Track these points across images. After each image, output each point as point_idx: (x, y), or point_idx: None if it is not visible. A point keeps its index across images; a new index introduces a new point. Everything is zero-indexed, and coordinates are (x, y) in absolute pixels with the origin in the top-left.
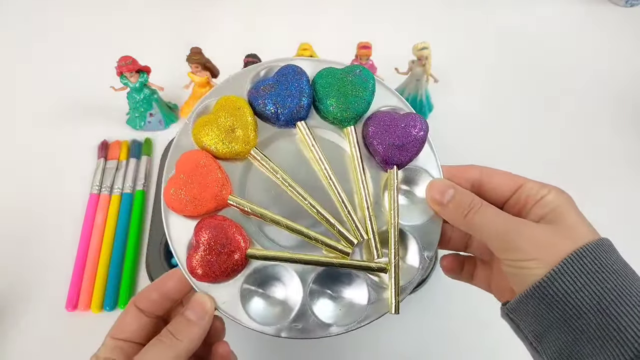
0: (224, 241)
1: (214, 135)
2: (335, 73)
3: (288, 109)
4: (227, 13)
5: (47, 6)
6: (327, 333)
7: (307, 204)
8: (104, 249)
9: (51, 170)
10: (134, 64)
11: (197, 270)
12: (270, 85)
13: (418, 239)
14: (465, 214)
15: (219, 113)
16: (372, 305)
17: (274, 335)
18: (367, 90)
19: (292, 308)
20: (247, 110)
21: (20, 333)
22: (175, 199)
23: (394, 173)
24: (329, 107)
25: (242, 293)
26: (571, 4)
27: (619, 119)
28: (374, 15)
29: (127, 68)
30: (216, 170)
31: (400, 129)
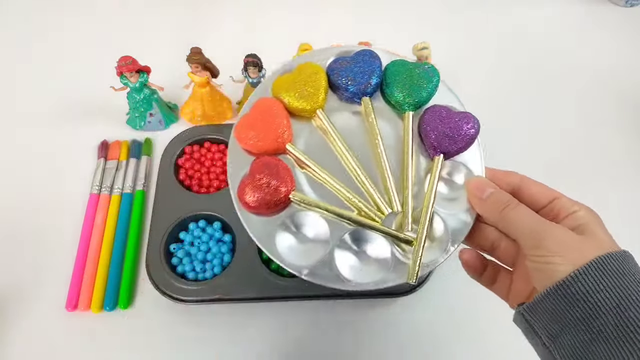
0: (274, 177)
1: (289, 89)
2: (406, 64)
3: (358, 83)
4: (227, 13)
5: (47, 6)
6: (343, 285)
7: (354, 169)
8: (104, 249)
9: (51, 171)
10: (134, 64)
11: (245, 197)
12: (348, 61)
13: (448, 226)
14: (502, 209)
15: (298, 74)
16: (391, 272)
17: (295, 272)
18: (431, 84)
19: (318, 254)
20: (323, 76)
21: (20, 333)
22: (242, 131)
23: (440, 160)
24: (395, 91)
25: (277, 229)
26: (571, 4)
27: (619, 118)
28: (374, 15)
29: (127, 68)
30: (283, 117)
31: (454, 122)
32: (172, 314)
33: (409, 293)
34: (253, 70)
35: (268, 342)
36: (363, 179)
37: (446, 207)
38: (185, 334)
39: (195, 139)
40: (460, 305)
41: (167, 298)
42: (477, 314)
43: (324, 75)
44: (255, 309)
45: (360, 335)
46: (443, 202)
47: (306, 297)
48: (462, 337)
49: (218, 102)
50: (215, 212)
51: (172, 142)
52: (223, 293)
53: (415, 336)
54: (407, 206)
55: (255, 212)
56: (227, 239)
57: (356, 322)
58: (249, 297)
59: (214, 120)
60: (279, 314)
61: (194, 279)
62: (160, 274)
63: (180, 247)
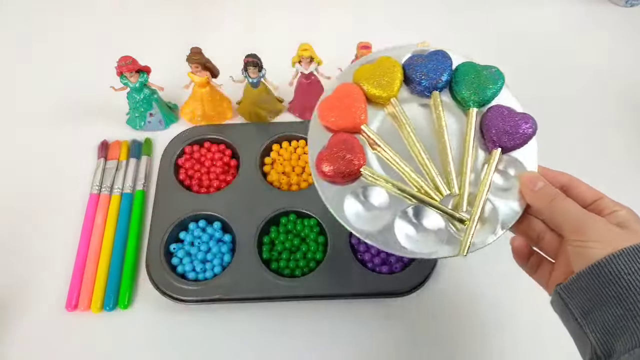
0: (349, 151)
1: (368, 78)
2: (475, 66)
3: (430, 79)
4: (227, 13)
5: (47, 6)
6: (399, 251)
7: (419, 153)
8: (104, 249)
9: (51, 171)
10: (134, 64)
11: (322, 165)
12: (423, 58)
13: (499, 212)
14: (550, 200)
15: (378, 65)
16: (444, 245)
17: (359, 236)
18: (496, 86)
19: (380, 222)
20: (399, 69)
21: (20, 333)
22: (324, 110)
23: (497, 153)
24: (463, 88)
25: (347, 197)
26: (571, 4)
27: (619, 118)
28: (374, 15)
29: (127, 68)
30: (362, 102)
31: (514, 121)
32: (172, 314)
33: (409, 293)
34: (253, 70)
35: (268, 341)
36: (426, 162)
37: (499, 195)
38: (186, 334)
39: (195, 139)
40: (459, 305)
41: (167, 298)
42: (477, 314)
43: (400, 69)
44: (255, 309)
45: (360, 335)
46: (496, 190)
47: (306, 297)
48: (461, 337)
49: (218, 102)
50: (215, 212)
51: (172, 142)
52: (223, 293)
53: (415, 336)
54: (463, 190)
55: (330, 180)
56: (227, 238)
57: (356, 322)
58: (249, 297)
59: (214, 120)
60: (279, 314)
61: (194, 279)
62: (160, 274)
63: (181, 247)
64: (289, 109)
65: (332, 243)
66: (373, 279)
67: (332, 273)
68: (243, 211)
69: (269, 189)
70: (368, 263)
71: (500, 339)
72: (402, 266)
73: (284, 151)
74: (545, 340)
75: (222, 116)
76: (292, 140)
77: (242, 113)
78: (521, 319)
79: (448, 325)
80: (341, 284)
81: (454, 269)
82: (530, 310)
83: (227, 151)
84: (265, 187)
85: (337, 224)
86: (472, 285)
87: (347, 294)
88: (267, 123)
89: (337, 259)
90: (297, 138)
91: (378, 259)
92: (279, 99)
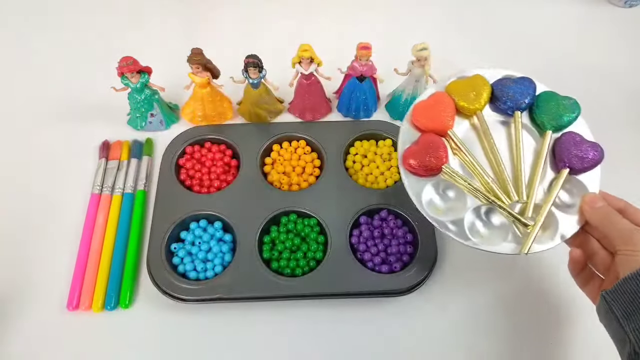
0: (435, 148)
1: (460, 91)
2: (556, 95)
3: (514, 99)
4: (228, 14)
5: (47, 6)
6: (465, 242)
7: (494, 161)
8: (105, 249)
9: (52, 171)
10: (135, 64)
11: (409, 159)
12: (511, 81)
13: (560, 224)
14: (607, 216)
15: (469, 81)
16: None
17: (432, 222)
18: (573, 115)
19: (452, 215)
20: (488, 88)
21: (21, 332)
22: (418, 112)
23: (565, 172)
24: (543, 113)
25: (426, 188)
26: (571, 4)
27: (619, 119)
28: (374, 15)
29: (128, 69)
30: (451, 110)
31: (585, 147)
32: (173, 314)
33: (408, 292)
34: (253, 70)
35: (268, 341)
36: (502, 170)
37: (562, 209)
38: (186, 333)
39: (196, 139)
40: (459, 305)
41: (168, 297)
42: (476, 313)
43: (488, 87)
44: (256, 308)
45: (360, 335)
46: (560, 205)
47: (306, 297)
48: (460, 337)
49: (219, 102)
50: (216, 212)
51: (173, 142)
52: (224, 292)
53: (414, 335)
54: (531, 198)
55: (414, 172)
56: (228, 238)
57: (356, 322)
58: (249, 296)
59: (214, 120)
60: (280, 314)
61: (195, 279)
62: (161, 274)
63: (182, 247)
64: (289, 109)
65: (332, 243)
66: (373, 278)
67: (332, 272)
68: (244, 211)
69: (269, 188)
70: (368, 262)
71: (500, 337)
72: (401, 266)
73: (285, 151)
74: (545, 340)
75: (222, 116)
76: (293, 141)
77: (243, 113)
78: (521, 319)
79: (448, 324)
80: (341, 283)
81: (453, 268)
82: (530, 311)
83: (227, 151)
84: (266, 187)
85: (337, 223)
86: (471, 284)
87: (347, 293)
88: (267, 123)
89: (337, 258)
90: (297, 138)
91: (378, 258)
92: (279, 100)
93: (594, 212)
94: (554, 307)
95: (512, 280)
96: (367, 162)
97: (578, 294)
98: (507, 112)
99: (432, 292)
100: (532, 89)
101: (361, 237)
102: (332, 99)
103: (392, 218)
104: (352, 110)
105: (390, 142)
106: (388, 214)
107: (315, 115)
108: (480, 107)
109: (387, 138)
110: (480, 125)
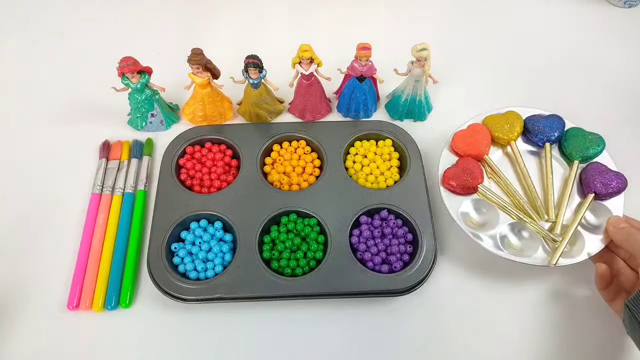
0: (472, 170)
1: (496, 123)
2: (583, 131)
3: (544, 133)
4: (228, 14)
5: (47, 6)
6: (498, 252)
7: (527, 185)
8: (106, 249)
9: (53, 171)
10: (135, 64)
11: (449, 180)
12: (542, 117)
13: (586, 242)
14: (629, 235)
15: (505, 116)
16: (536, 255)
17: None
18: (598, 148)
19: (487, 229)
20: (521, 122)
21: (21, 332)
22: (458, 139)
23: (592, 196)
24: (571, 145)
25: (463, 204)
26: (571, 4)
27: (619, 119)
28: (374, 16)
29: (128, 69)
30: (488, 139)
31: (609, 176)
32: (174, 313)
33: (408, 292)
34: (253, 71)
35: (268, 340)
36: (533, 191)
37: (588, 229)
38: (187, 332)
39: (196, 139)
40: (458, 304)
41: (169, 297)
42: (476, 313)
43: (521, 121)
44: (256, 308)
45: (360, 334)
46: (587, 226)
47: (306, 297)
48: (460, 336)
49: (219, 102)
50: (216, 212)
51: (173, 143)
52: (224, 292)
53: (414, 335)
54: (559, 218)
55: (452, 190)
56: (228, 238)
57: (356, 321)
58: (249, 296)
59: (215, 120)
60: (280, 313)
61: (195, 279)
62: (161, 273)
63: (182, 247)
64: (289, 109)
65: (332, 242)
66: (373, 278)
67: (332, 272)
68: (244, 211)
69: (269, 188)
70: (368, 262)
71: (499, 337)
72: (401, 265)
73: (285, 151)
74: (545, 340)
75: (222, 117)
76: (293, 141)
77: (243, 113)
78: (520, 319)
79: (448, 323)
80: (341, 283)
81: (453, 268)
82: (529, 310)
83: (227, 151)
84: (266, 187)
85: (338, 223)
86: (471, 284)
87: (347, 293)
88: (267, 123)
89: (337, 258)
90: (297, 138)
91: (378, 258)
92: (280, 100)
93: (618, 231)
94: (556, 308)
95: (512, 280)
96: (367, 162)
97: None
98: (538, 144)
99: (432, 292)
100: (561, 125)
101: (361, 237)
102: (332, 99)
103: (392, 218)
104: (352, 111)
105: (390, 142)
106: (388, 213)
107: (315, 115)
108: (514, 138)
109: (387, 138)
110: (513, 153)
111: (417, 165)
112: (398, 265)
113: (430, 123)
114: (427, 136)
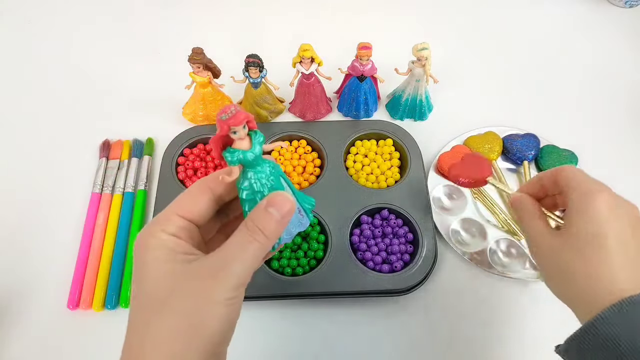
0: (478, 163)
1: (476, 144)
2: (557, 148)
3: (521, 152)
4: (228, 14)
5: (45, 6)
6: (490, 270)
7: None
8: (106, 248)
9: (53, 170)
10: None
11: (457, 174)
12: (519, 136)
13: None
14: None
15: (485, 137)
16: (525, 270)
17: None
18: (571, 164)
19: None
20: (500, 142)
21: (21, 332)
22: (444, 159)
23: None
24: (547, 162)
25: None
26: (571, 4)
27: (618, 119)
28: (374, 15)
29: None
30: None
31: None
32: None
33: (409, 292)
34: (254, 70)
35: (269, 340)
36: None
37: None
38: None
39: (197, 138)
40: (459, 304)
41: None
42: (477, 312)
43: (500, 141)
44: (256, 308)
45: (360, 334)
46: None
47: (307, 296)
48: (460, 336)
49: (219, 102)
50: None
51: (173, 142)
52: None
53: (415, 334)
54: None
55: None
56: None
57: (357, 321)
58: (249, 295)
59: (215, 120)
60: (280, 313)
61: None
62: None
63: None
64: (289, 109)
65: (332, 242)
66: (373, 277)
67: (333, 272)
68: None
69: None
70: (369, 262)
71: (499, 336)
72: (402, 265)
73: (285, 151)
74: (545, 340)
75: None
76: (293, 140)
77: None
78: (520, 318)
79: (448, 323)
80: (342, 282)
81: (454, 268)
82: (532, 308)
83: None
84: None
85: (338, 223)
86: (472, 283)
87: (347, 292)
88: (268, 123)
89: (338, 257)
90: (298, 138)
91: (378, 257)
92: (280, 99)
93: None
94: (558, 304)
95: (512, 280)
96: (368, 162)
97: None
98: (516, 162)
99: (432, 291)
100: (537, 143)
101: (362, 237)
102: (332, 99)
103: (392, 217)
104: (353, 110)
105: (390, 142)
106: (389, 213)
107: (315, 115)
108: (494, 157)
109: (388, 138)
110: (495, 172)
111: (418, 164)
112: (399, 265)
113: (430, 123)
114: (427, 136)
